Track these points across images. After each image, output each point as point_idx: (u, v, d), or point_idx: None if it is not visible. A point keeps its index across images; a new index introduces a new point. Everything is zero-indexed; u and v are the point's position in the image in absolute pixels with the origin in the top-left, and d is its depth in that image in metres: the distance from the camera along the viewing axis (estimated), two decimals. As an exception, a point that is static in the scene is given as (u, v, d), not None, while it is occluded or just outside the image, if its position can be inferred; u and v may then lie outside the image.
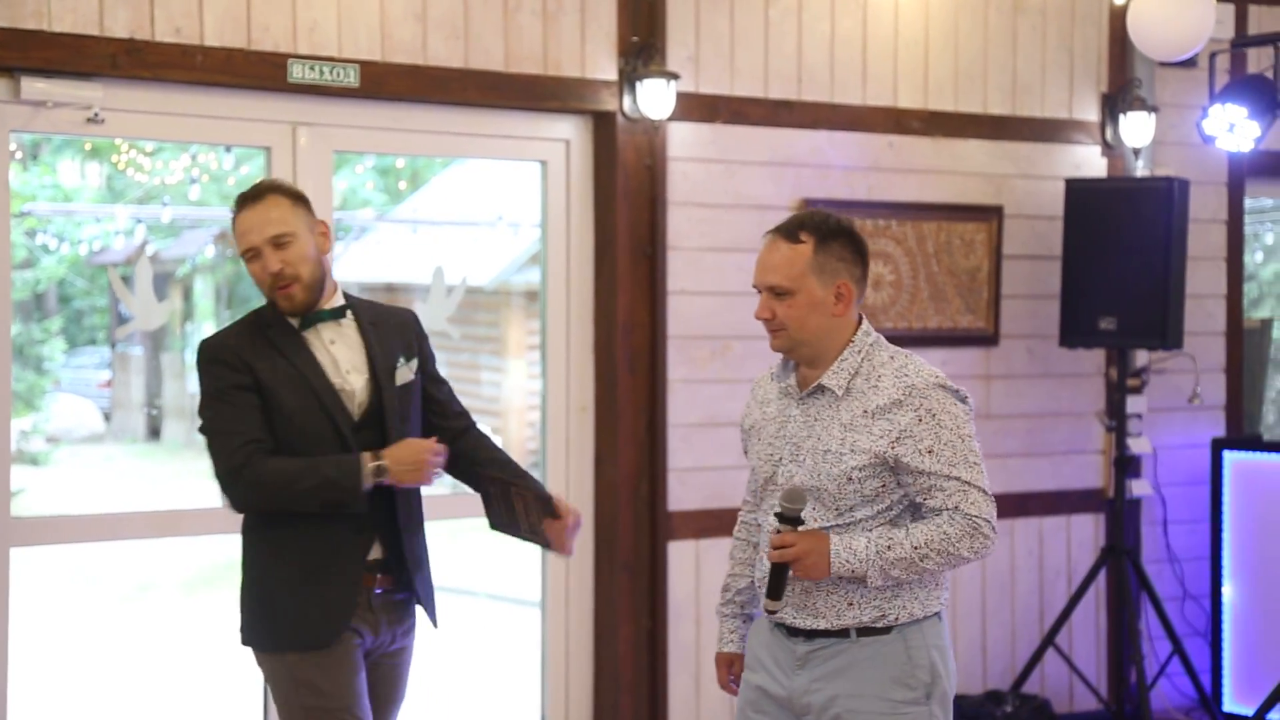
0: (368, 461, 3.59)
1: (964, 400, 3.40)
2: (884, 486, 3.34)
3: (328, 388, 3.68)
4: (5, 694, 4.86)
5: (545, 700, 5.77)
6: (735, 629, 3.68)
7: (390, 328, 3.83)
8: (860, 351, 3.41)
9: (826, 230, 3.40)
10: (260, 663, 3.76)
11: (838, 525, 3.35)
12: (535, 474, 4.43)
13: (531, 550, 4.59)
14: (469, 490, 4.00)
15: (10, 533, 4.88)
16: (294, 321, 3.71)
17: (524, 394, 14.13)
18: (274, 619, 3.67)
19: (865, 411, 3.34)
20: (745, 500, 3.71)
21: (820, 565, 3.29)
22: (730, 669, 3.68)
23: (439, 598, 3.99)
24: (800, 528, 3.32)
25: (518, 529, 3.81)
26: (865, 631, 3.37)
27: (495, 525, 3.91)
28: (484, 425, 14.73)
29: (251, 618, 3.73)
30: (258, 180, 3.86)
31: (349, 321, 3.78)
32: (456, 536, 11.72)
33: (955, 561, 3.31)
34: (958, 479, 3.30)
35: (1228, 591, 6.56)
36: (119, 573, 10.90)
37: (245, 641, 3.77)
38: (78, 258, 14.28)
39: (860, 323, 3.45)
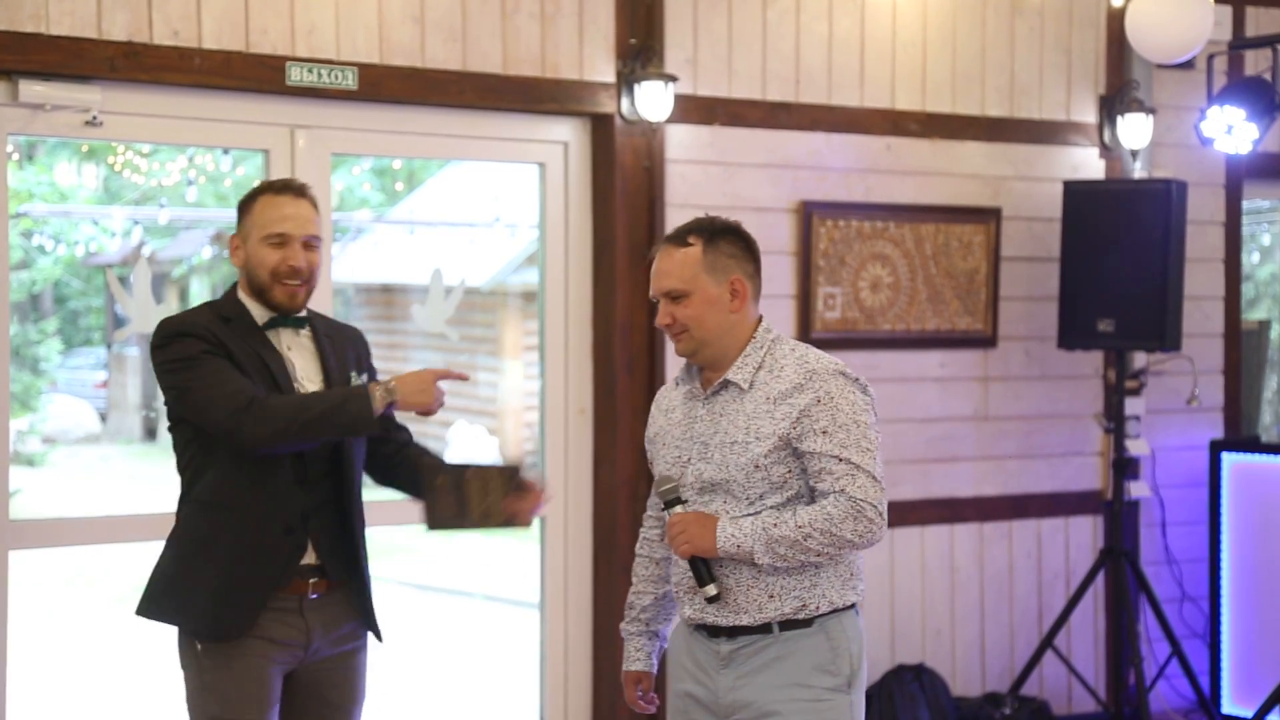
0: (375, 388, 3.53)
1: (865, 390, 3.44)
2: (790, 472, 3.39)
3: (285, 374, 3.64)
4: (4, 696, 4.86)
5: (544, 702, 5.77)
6: (642, 646, 3.69)
7: (343, 341, 3.82)
8: (762, 347, 3.47)
9: (713, 230, 3.48)
10: (179, 647, 3.69)
11: (749, 515, 3.39)
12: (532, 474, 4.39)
13: (528, 551, 4.59)
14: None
15: (8, 536, 4.87)
16: (255, 319, 3.67)
17: (521, 395, 14.12)
18: (183, 599, 3.61)
19: (768, 399, 3.40)
20: (646, 518, 3.74)
21: (705, 537, 3.36)
22: (639, 686, 3.69)
23: (436, 599, 3.96)
24: (679, 507, 3.42)
25: (467, 518, 3.73)
26: (787, 625, 3.40)
27: (436, 524, 3.79)
28: (480, 426, 14.65)
29: (157, 590, 3.66)
30: (278, 177, 3.86)
31: (306, 333, 3.75)
32: (452, 537, 11.72)
33: (839, 543, 3.33)
34: (848, 461, 3.34)
35: (1226, 593, 6.56)
36: (115, 574, 10.90)
37: (145, 613, 3.70)
38: (74, 259, 14.26)
39: (760, 321, 3.51)
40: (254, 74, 5.01)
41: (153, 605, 3.68)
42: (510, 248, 13.83)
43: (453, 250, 13.67)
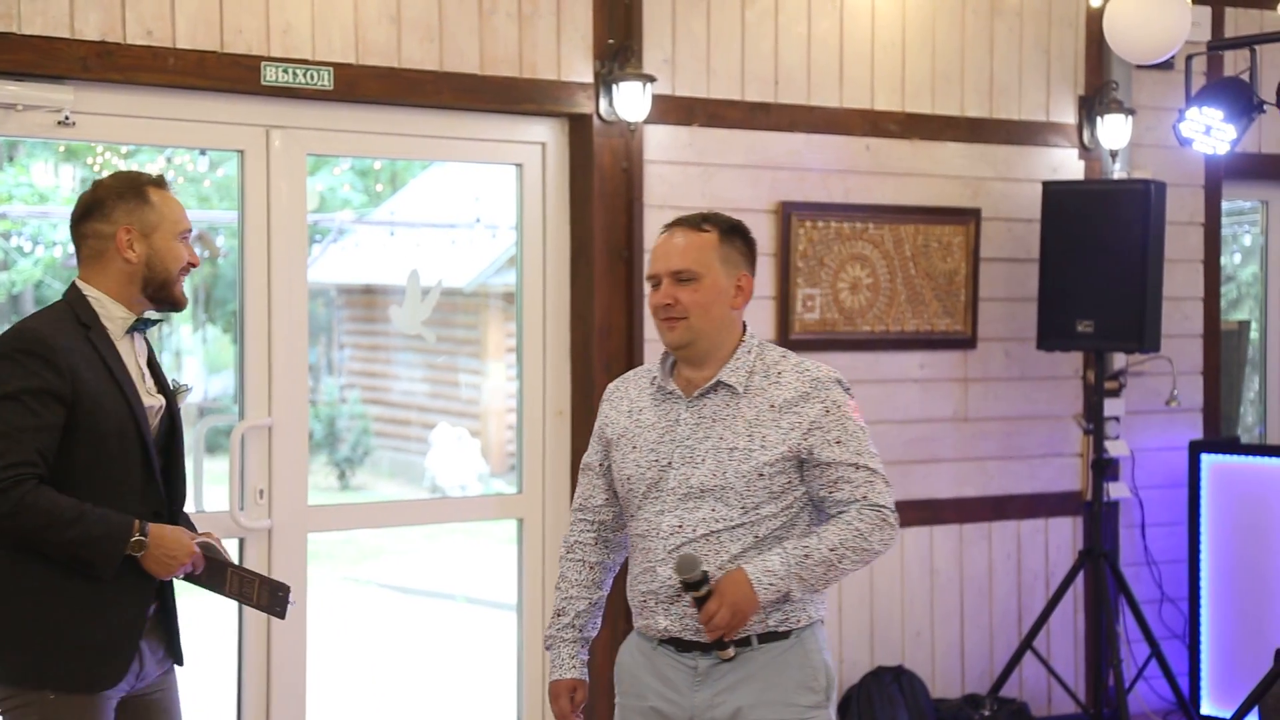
0: (134, 532, 3.31)
1: (853, 396, 3.45)
2: (789, 483, 3.36)
3: (140, 406, 3.43)
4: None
5: (521, 704, 5.75)
6: (575, 654, 3.55)
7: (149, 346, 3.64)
8: (751, 350, 3.44)
9: (728, 224, 3.48)
10: (5, 699, 3.35)
11: (742, 523, 3.34)
12: (511, 476, 4.36)
13: (507, 554, 4.55)
14: (449, 493, 3.83)
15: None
16: (112, 325, 3.45)
17: (503, 396, 14.09)
18: (47, 651, 3.30)
19: (771, 406, 3.36)
20: (576, 519, 3.62)
21: (750, 604, 3.27)
22: (572, 696, 3.54)
23: (416, 601, 3.89)
24: (705, 587, 3.27)
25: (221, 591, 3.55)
26: (765, 638, 3.36)
27: (198, 583, 3.54)
28: (462, 428, 14.62)
29: (9, 649, 3.32)
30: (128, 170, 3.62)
31: (140, 337, 3.56)
32: (435, 539, 11.69)
33: (868, 557, 3.33)
34: (865, 468, 3.34)
35: (1205, 594, 6.56)
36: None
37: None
38: (53, 260, 14.20)
39: (745, 324, 3.50)
40: (229, 74, 4.98)
41: (8, 667, 3.33)
42: (492, 249, 13.80)
43: (435, 251, 13.64)
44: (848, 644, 6.13)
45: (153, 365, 3.58)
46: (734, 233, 3.46)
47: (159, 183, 3.55)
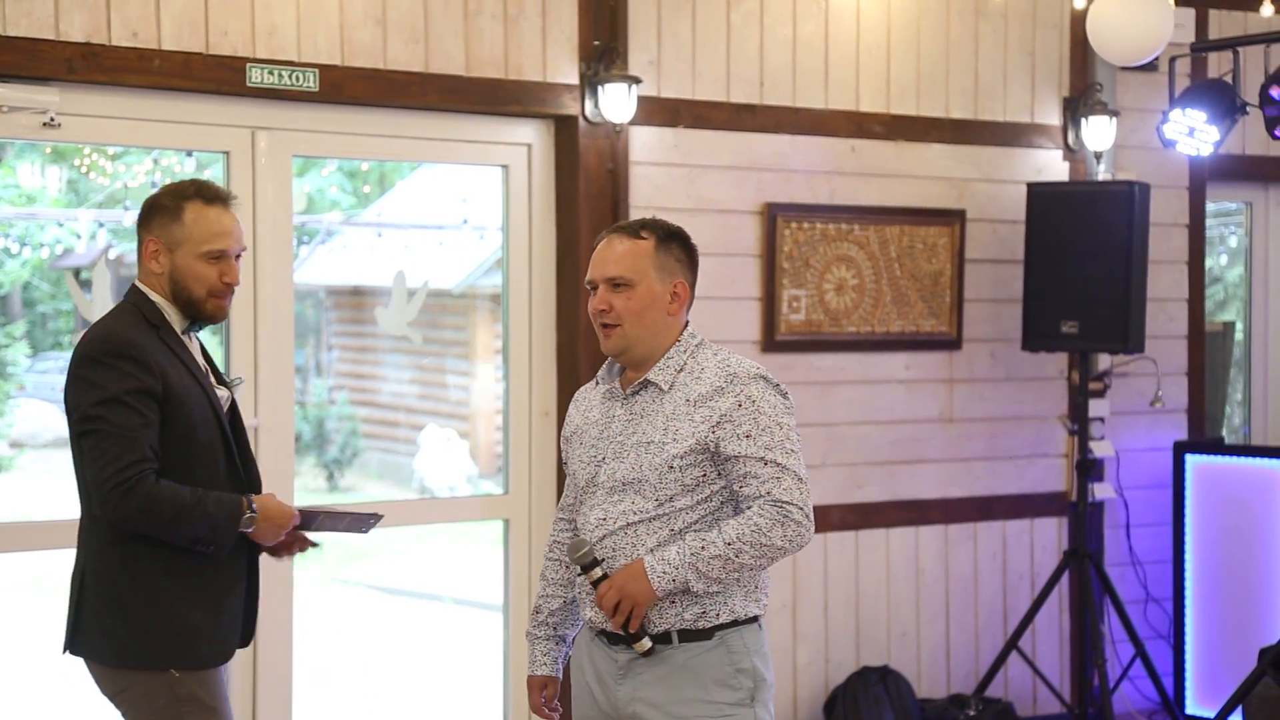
0: (246, 508, 3.51)
1: (784, 395, 3.43)
2: (704, 476, 3.36)
3: (216, 397, 3.60)
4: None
5: (507, 705, 5.76)
6: (548, 651, 3.63)
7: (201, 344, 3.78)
8: (686, 350, 3.46)
9: (665, 231, 3.49)
10: (116, 680, 3.52)
11: (658, 515, 3.36)
12: (497, 478, 4.38)
13: (495, 554, 4.56)
14: (438, 495, 3.90)
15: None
16: (175, 326, 3.58)
17: (492, 398, 14.09)
18: (162, 634, 3.47)
19: (687, 400, 3.38)
20: (557, 519, 3.70)
21: (643, 589, 3.31)
22: (544, 692, 3.62)
23: (404, 602, 3.94)
24: (598, 569, 3.36)
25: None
26: (687, 636, 3.37)
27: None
28: (451, 429, 14.62)
29: (135, 635, 3.47)
30: (208, 180, 3.68)
31: (200, 330, 3.71)
32: (424, 540, 11.69)
33: (771, 553, 3.31)
34: (774, 463, 3.32)
35: (1190, 594, 6.58)
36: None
37: (106, 658, 3.52)
38: (41, 261, 14.18)
39: (685, 326, 3.51)
40: (214, 75, 4.99)
41: (122, 651, 3.50)
42: (481, 250, 13.80)
43: (423, 253, 13.63)
44: (833, 644, 6.14)
45: (211, 363, 3.71)
46: (671, 239, 3.48)
47: (207, 197, 3.56)
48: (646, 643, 3.36)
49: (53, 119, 4.79)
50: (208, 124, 5.11)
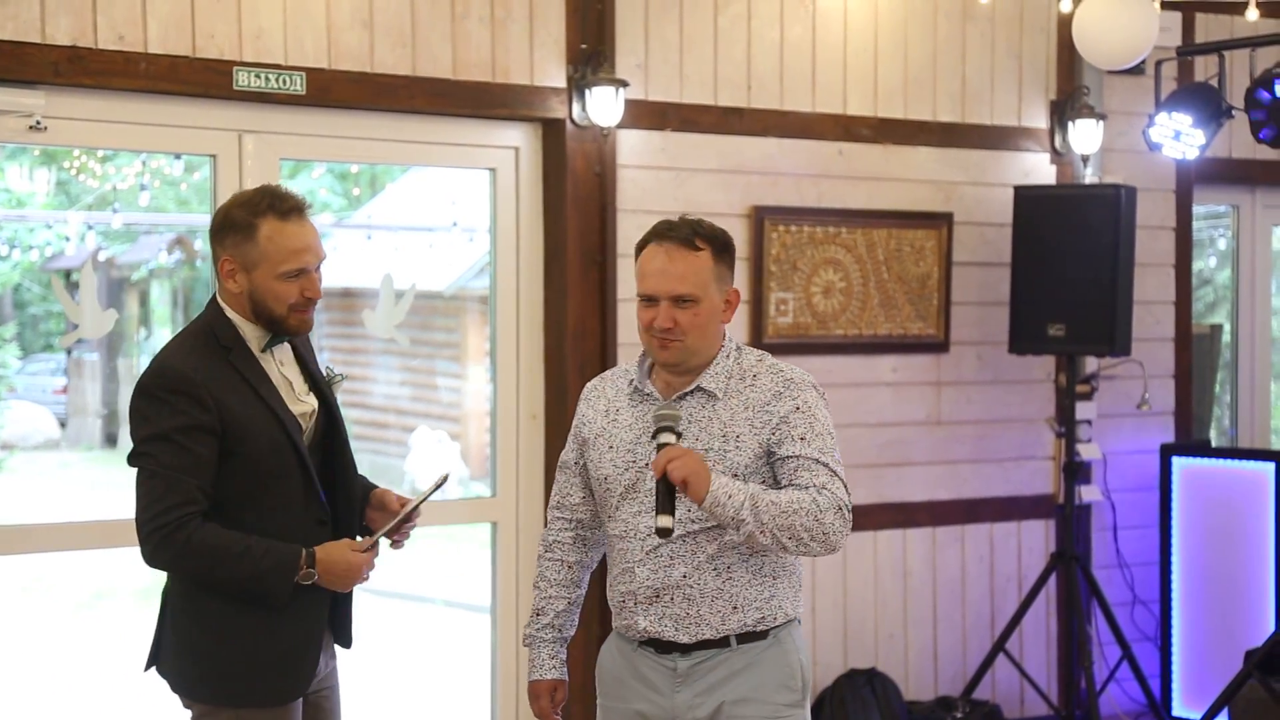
0: (302, 564, 3.34)
1: (827, 402, 3.47)
2: (764, 483, 3.37)
3: (292, 418, 3.44)
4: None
5: (495, 707, 5.76)
6: (555, 654, 3.59)
7: (303, 341, 3.64)
8: (730, 355, 3.46)
9: (720, 243, 3.46)
10: (189, 706, 3.45)
11: (715, 525, 3.35)
12: (489, 480, 4.36)
13: (484, 556, 4.57)
14: (430, 497, 3.79)
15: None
16: (251, 344, 3.45)
17: (482, 400, 14.09)
18: (236, 668, 3.37)
19: (746, 407, 3.39)
20: (554, 518, 3.64)
21: (702, 480, 3.22)
22: (553, 696, 3.57)
23: (394, 604, 3.88)
24: (672, 435, 3.28)
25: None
26: (744, 638, 3.39)
27: None
28: (442, 431, 14.61)
29: (197, 665, 3.40)
30: (280, 189, 3.51)
31: (287, 344, 3.57)
32: (413, 542, 11.67)
33: (818, 530, 3.26)
34: (827, 467, 3.35)
35: (1176, 597, 6.59)
36: (74, 581, 10.82)
37: (181, 689, 3.45)
38: (30, 264, 14.18)
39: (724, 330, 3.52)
40: (201, 79, 4.98)
41: (198, 687, 3.41)
42: (470, 252, 13.80)
43: (413, 255, 13.63)
44: (821, 646, 6.14)
45: (304, 364, 3.57)
46: (725, 250, 3.46)
47: (282, 211, 3.41)
48: (667, 520, 3.24)
49: (39, 122, 4.78)
50: (195, 127, 5.10)
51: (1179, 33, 6.70)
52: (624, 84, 5.53)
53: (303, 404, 3.51)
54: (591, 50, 5.57)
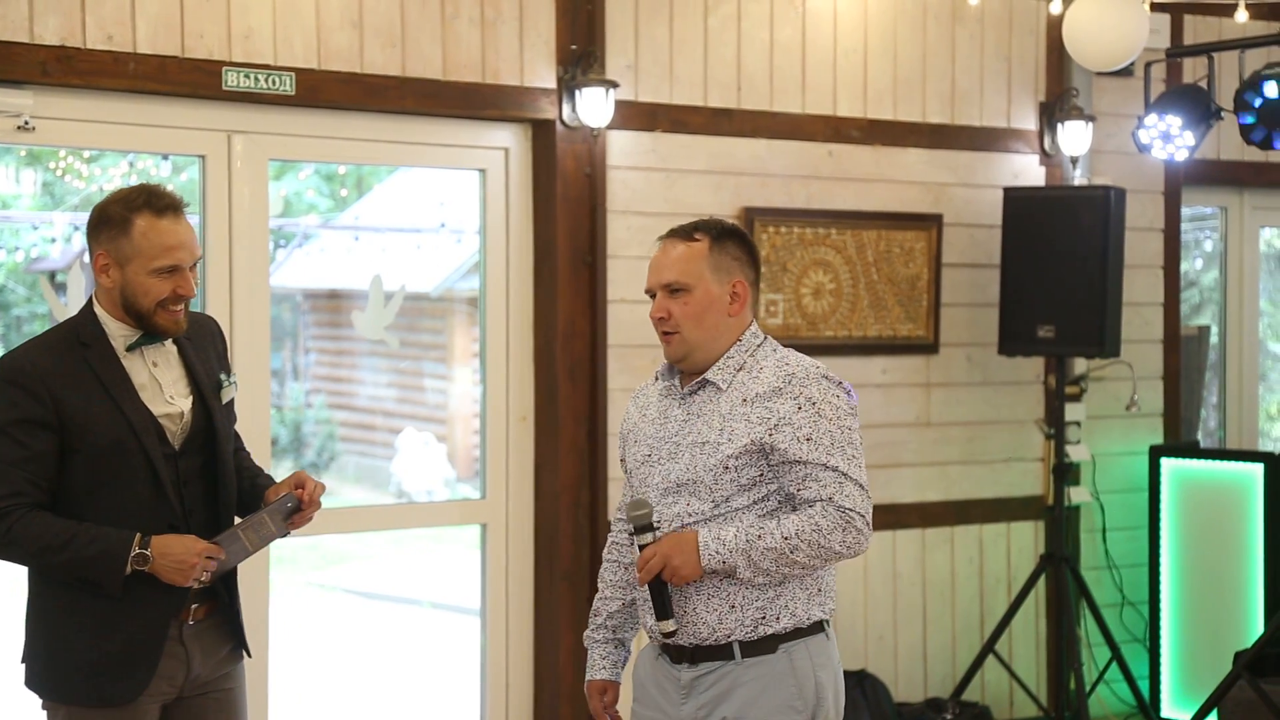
0: (133, 547, 3.29)
1: (848, 393, 3.39)
2: (760, 476, 3.32)
3: (145, 419, 3.39)
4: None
5: (485, 709, 5.75)
6: (607, 655, 3.58)
7: (203, 340, 3.60)
8: (746, 349, 3.41)
9: (720, 231, 3.43)
10: (47, 709, 3.46)
11: (714, 516, 3.32)
12: (475, 481, 4.34)
13: (473, 558, 4.55)
14: (416, 499, 3.77)
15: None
16: (116, 342, 3.42)
17: (470, 401, 14.07)
18: (66, 668, 3.37)
19: (744, 399, 3.34)
20: (615, 521, 3.64)
21: (690, 563, 3.25)
22: (604, 697, 3.56)
23: (382, 606, 3.86)
24: (656, 533, 3.31)
25: (245, 554, 3.55)
26: (750, 650, 3.31)
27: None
28: (429, 432, 14.61)
29: (38, 663, 3.42)
30: (158, 186, 3.48)
31: (169, 344, 3.51)
32: (401, 544, 11.66)
33: (826, 555, 3.25)
34: (835, 469, 3.27)
35: (1165, 598, 6.60)
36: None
37: (30, 685, 3.46)
38: (15, 265, 14.13)
39: (750, 325, 3.46)
40: (190, 79, 4.97)
41: (38, 681, 3.44)
42: (458, 254, 13.78)
43: (400, 256, 13.61)
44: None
45: (193, 374, 3.52)
46: (726, 238, 3.41)
47: (158, 208, 3.39)
48: (670, 624, 3.28)
49: (27, 122, 4.77)
50: (183, 127, 5.08)
51: (1168, 34, 6.71)
52: (614, 85, 5.53)
53: (170, 405, 3.46)
54: (581, 51, 5.57)
